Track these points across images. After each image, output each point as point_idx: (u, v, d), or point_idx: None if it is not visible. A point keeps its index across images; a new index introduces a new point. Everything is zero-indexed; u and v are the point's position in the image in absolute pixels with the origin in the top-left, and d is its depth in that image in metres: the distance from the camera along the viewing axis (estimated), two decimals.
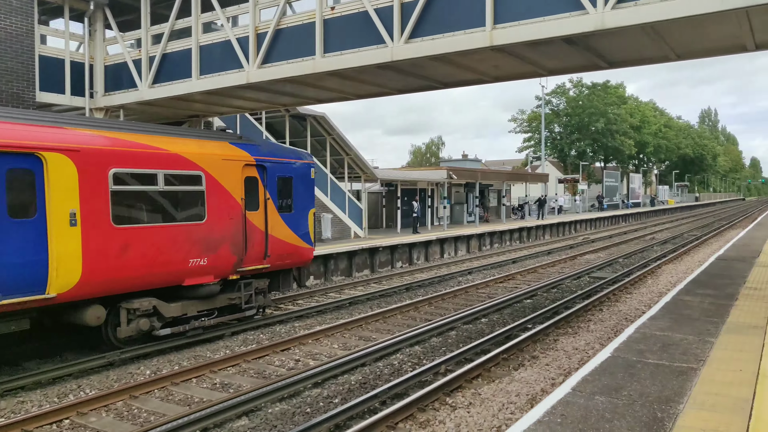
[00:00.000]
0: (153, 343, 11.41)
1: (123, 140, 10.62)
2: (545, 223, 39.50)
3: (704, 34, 11.09)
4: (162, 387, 9.44)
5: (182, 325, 11.73)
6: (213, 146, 12.01)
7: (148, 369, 10.42)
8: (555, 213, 50.44)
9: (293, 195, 13.52)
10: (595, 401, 6.48)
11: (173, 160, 11.09)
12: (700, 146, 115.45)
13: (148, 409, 8.57)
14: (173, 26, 14.30)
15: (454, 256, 27.59)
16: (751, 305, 11.80)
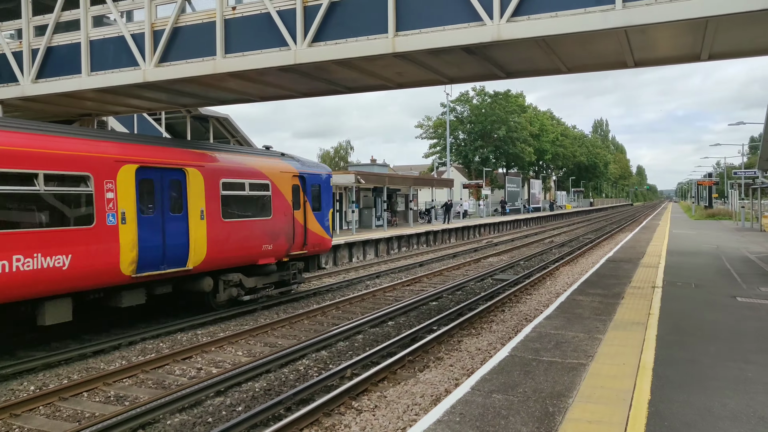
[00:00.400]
0: (40, 356, 10.82)
1: (225, 158, 14.97)
2: (451, 227, 40.50)
3: (591, 50, 11.80)
4: (48, 403, 8.89)
5: (255, 293, 16.02)
6: (273, 162, 16.57)
7: (33, 384, 9.78)
8: (460, 217, 51.84)
9: (321, 198, 18.14)
10: (493, 399, 6.70)
11: (254, 173, 15.53)
12: (593, 154, 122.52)
13: (32, 427, 8.04)
14: (59, 18, 13.47)
15: (363, 260, 27.73)
16: (635, 303, 12.62)
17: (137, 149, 12.77)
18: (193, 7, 12.55)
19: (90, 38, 13.24)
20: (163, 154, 13.24)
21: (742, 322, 10.88)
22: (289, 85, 14.42)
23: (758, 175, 37.34)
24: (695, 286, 15.05)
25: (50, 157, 10.72)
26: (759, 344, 9.31)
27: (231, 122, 26.02)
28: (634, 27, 9.30)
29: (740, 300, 13.21)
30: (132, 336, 12.55)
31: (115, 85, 13.18)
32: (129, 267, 11.99)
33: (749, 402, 6.67)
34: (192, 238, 13.35)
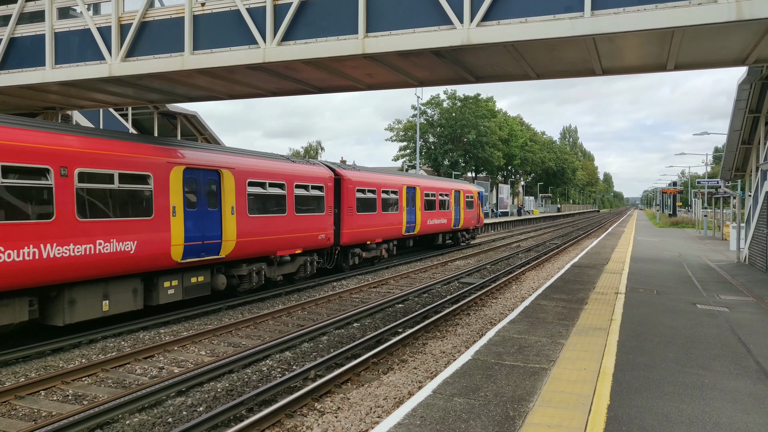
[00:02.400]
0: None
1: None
2: None
3: (559, 57, 11.95)
4: (4, 401, 8.67)
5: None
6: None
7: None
8: None
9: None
10: (454, 402, 6.71)
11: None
12: (561, 160, 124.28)
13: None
14: (23, 8, 13.14)
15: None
16: (598, 308, 12.80)
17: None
18: (161, 1, 12.36)
19: (55, 30, 12.94)
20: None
21: (700, 329, 11.11)
22: (257, 84, 14.29)
23: (720, 184, 38.26)
24: (657, 293, 15.33)
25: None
26: (716, 350, 9.51)
27: (199, 119, 25.71)
28: (602, 35, 9.45)
29: (700, 307, 13.50)
30: (93, 334, 12.29)
31: (80, 79, 12.90)
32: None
33: (705, 408, 6.80)
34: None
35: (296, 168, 18.91)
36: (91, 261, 11.89)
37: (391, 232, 25.46)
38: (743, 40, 10.78)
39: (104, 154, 12.42)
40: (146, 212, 13.25)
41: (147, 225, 13.22)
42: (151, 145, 13.81)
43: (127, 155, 12.88)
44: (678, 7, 8.87)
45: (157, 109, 23.77)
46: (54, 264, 11.15)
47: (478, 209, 38.50)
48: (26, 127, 11.20)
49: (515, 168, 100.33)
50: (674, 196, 77.23)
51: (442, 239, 33.36)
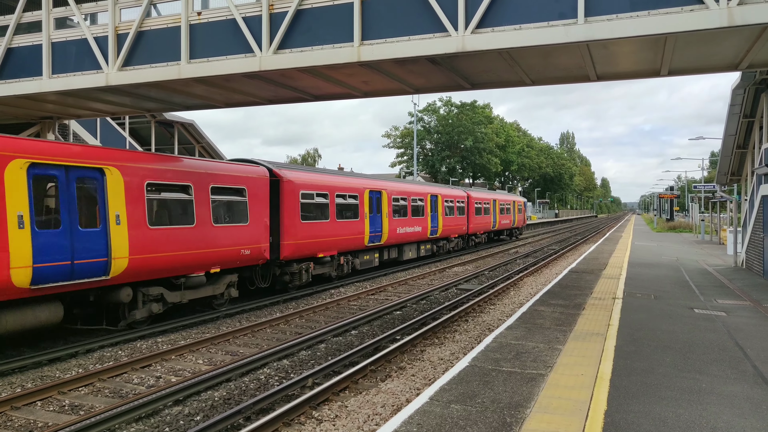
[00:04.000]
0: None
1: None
2: None
3: (554, 63, 12.01)
4: (0, 412, 8.61)
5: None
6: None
7: None
8: None
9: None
10: (451, 409, 6.71)
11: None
12: (559, 166, 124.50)
13: None
14: (20, 18, 13.18)
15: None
16: (596, 314, 12.81)
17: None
18: (158, 11, 12.41)
19: (52, 40, 12.99)
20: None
21: (698, 333, 11.12)
22: (254, 92, 14.34)
23: (717, 189, 38.38)
24: (655, 298, 15.35)
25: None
26: (713, 355, 9.52)
27: (196, 128, 25.74)
28: (596, 41, 9.51)
29: (697, 311, 13.51)
30: (90, 344, 12.25)
31: (77, 89, 12.94)
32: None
33: (702, 412, 6.81)
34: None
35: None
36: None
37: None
38: (736, 46, 10.85)
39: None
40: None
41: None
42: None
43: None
44: (670, 14, 8.93)
45: (154, 118, 23.81)
46: None
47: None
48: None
49: (512, 174, 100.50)
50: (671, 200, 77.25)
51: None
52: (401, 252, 27.11)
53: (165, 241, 13.52)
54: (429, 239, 30.11)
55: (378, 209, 24.14)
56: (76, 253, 11.61)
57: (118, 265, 12.43)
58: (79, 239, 11.69)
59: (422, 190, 29.86)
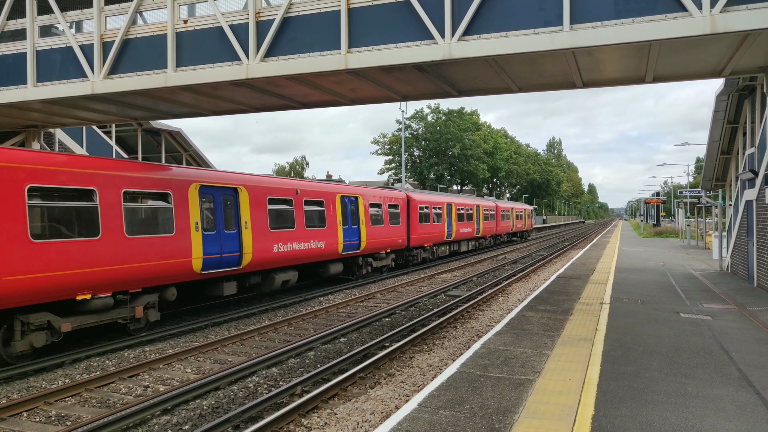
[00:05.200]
0: None
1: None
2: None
3: (540, 70, 12.12)
4: None
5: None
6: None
7: None
8: None
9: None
10: (440, 416, 6.71)
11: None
12: (546, 172, 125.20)
13: None
14: (4, 26, 13.11)
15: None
16: (583, 319, 12.87)
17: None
18: (144, 18, 12.39)
19: (36, 48, 12.93)
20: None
21: (684, 338, 11.20)
22: (241, 100, 14.33)
23: (702, 194, 38.76)
24: (641, 303, 15.44)
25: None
26: (699, 359, 9.59)
27: (183, 136, 25.67)
28: (581, 48, 9.62)
29: (683, 316, 13.61)
30: (76, 353, 12.14)
31: (63, 97, 12.88)
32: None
33: (688, 416, 6.85)
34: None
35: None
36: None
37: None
38: (719, 53, 11.01)
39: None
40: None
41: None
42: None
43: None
44: (654, 21, 9.05)
45: (141, 126, 23.72)
46: None
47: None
48: None
49: (500, 180, 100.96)
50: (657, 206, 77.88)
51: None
52: (459, 246, 38.62)
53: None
54: (474, 237, 42.14)
55: (449, 215, 35.43)
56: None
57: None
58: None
59: (473, 203, 42.10)
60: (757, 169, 17.99)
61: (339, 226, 22.20)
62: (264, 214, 17.56)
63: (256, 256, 17.10)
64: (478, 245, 43.67)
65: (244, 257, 16.62)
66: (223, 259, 15.90)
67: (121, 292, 13.03)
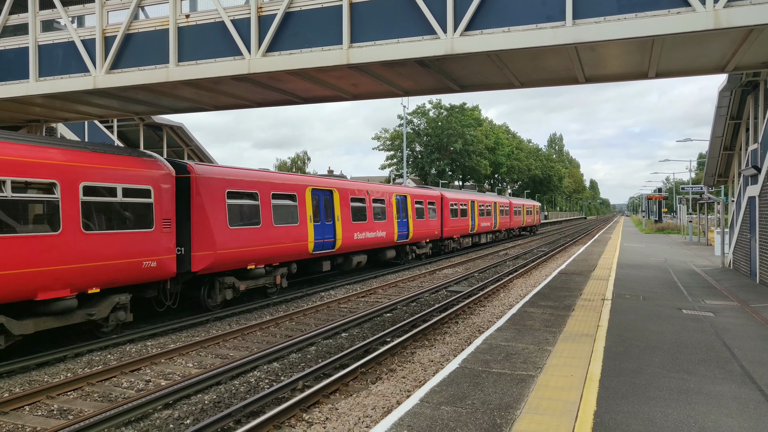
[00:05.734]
0: None
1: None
2: None
3: (542, 66, 12.08)
4: None
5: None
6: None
7: None
8: None
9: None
10: (441, 411, 6.71)
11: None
12: (548, 168, 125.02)
13: None
14: (6, 21, 13.09)
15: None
16: (585, 315, 12.87)
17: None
18: (146, 13, 12.36)
19: (39, 43, 12.91)
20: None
21: (686, 334, 11.20)
22: (243, 95, 14.31)
23: (704, 190, 38.71)
24: (643, 299, 15.43)
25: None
26: (701, 355, 9.59)
27: (185, 131, 25.66)
28: (584, 44, 9.58)
29: (685, 312, 13.60)
30: (78, 348, 12.17)
31: (65, 91, 12.87)
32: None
33: (690, 412, 6.85)
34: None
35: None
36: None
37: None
38: (722, 49, 10.97)
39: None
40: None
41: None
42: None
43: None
44: (657, 16, 9.01)
45: (142, 121, 23.71)
46: None
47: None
48: None
49: (502, 176, 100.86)
50: (659, 202, 77.78)
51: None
52: (480, 237, 43.16)
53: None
54: (492, 231, 46.57)
55: (472, 211, 39.93)
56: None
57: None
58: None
59: (492, 200, 46.63)
60: (760, 165, 17.95)
61: (395, 220, 27.18)
62: (348, 209, 22.80)
63: (344, 242, 22.28)
64: (495, 237, 48.85)
65: (337, 242, 21.83)
66: (325, 243, 21.05)
67: (268, 264, 17.80)
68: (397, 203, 27.63)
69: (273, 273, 17.98)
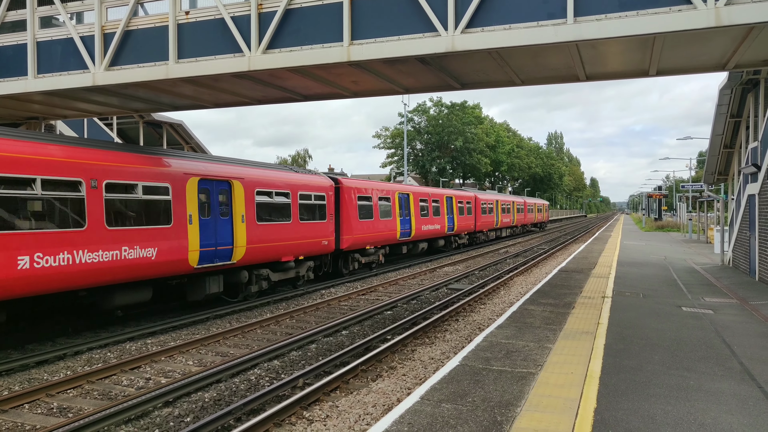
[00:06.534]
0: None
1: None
2: None
3: (543, 63, 12.05)
4: None
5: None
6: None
7: None
8: None
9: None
10: (442, 408, 6.71)
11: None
12: (548, 166, 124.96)
13: None
14: (4, 17, 13.06)
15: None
16: (585, 313, 12.86)
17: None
18: (145, 10, 12.33)
19: (37, 39, 12.87)
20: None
21: (685, 331, 11.20)
22: (243, 92, 14.28)
23: (704, 188, 38.71)
24: (643, 296, 15.44)
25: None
26: (701, 352, 9.59)
27: (185, 128, 25.63)
28: (585, 41, 9.55)
29: (685, 309, 13.60)
30: (78, 346, 12.17)
31: (64, 88, 12.82)
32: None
33: (690, 409, 6.85)
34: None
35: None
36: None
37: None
38: (723, 46, 10.95)
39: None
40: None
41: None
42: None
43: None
44: (659, 14, 8.98)
45: (142, 119, 23.68)
46: None
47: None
48: None
49: (502, 174, 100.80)
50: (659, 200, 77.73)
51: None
52: (501, 232, 51.62)
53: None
54: (510, 226, 54.19)
55: (496, 209, 47.51)
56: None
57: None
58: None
59: (511, 199, 54.78)
60: (760, 163, 17.93)
61: (445, 216, 34.60)
62: (418, 207, 30.39)
63: (416, 232, 29.83)
64: (512, 232, 56.47)
65: (412, 232, 29.30)
66: (404, 233, 28.36)
67: (375, 246, 25.54)
68: (447, 202, 35.12)
69: (377, 252, 25.63)
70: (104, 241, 12.48)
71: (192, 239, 14.67)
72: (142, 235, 13.39)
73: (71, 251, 11.77)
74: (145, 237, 13.43)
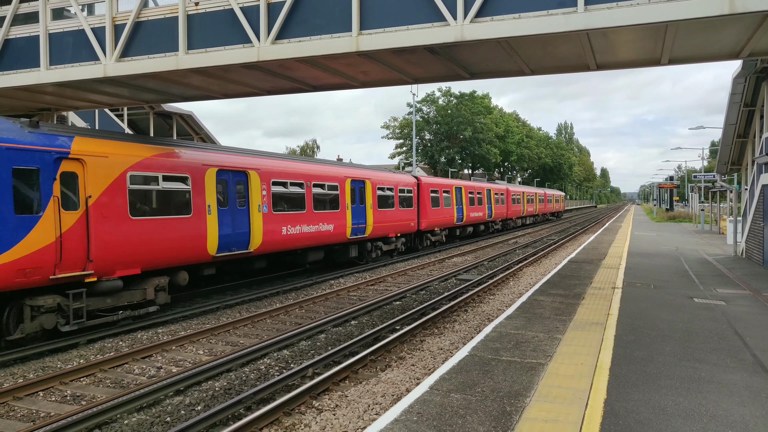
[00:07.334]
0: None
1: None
2: None
3: (553, 53, 11.95)
4: (2, 403, 8.68)
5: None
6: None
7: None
8: None
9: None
10: (451, 398, 6.72)
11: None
12: (558, 156, 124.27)
13: None
14: (17, 9, 13.11)
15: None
16: (595, 303, 12.82)
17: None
18: (155, 1, 12.34)
19: (49, 31, 12.91)
20: None
21: (697, 323, 11.14)
22: (252, 83, 14.28)
23: (717, 178, 38.38)
24: (654, 287, 15.36)
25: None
26: (712, 344, 9.54)
27: (195, 119, 25.69)
28: (596, 30, 9.45)
29: (696, 301, 13.53)
30: (91, 335, 12.30)
31: (75, 80, 12.87)
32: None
33: (701, 401, 6.82)
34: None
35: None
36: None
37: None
38: (737, 34, 10.80)
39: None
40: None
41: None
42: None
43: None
44: (671, 1, 8.86)
45: (152, 109, 23.76)
46: None
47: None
48: None
49: (512, 164, 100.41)
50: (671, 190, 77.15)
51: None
52: (526, 219, 57.27)
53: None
54: (533, 215, 59.88)
55: (523, 199, 54.36)
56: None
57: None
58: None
59: (534, 191, 61.72)
60: None
61: (486, 205, 41.70)
62: (467, 198, 37.19)
63: (467, 218, 37.04)
64: (534, 220, 63.01)
65: (464, 218, 36.50)
66: (459, 218, 35.57)
67: (441, 228, 32.91)
68: (487, 194, 42.07)
69: (441, 233, 32.55)
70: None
71: (349, 220, 22.85)
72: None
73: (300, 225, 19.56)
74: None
